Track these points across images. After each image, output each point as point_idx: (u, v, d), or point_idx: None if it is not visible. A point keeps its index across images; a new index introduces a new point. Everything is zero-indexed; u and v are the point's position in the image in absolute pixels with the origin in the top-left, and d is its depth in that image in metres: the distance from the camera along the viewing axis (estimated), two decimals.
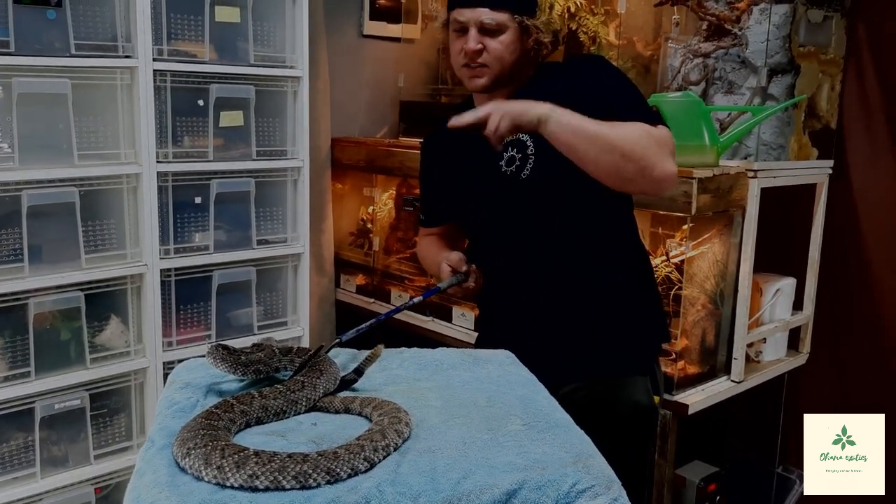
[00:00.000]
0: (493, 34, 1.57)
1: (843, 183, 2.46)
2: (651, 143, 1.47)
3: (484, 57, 1.58)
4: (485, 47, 1.58)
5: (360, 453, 0.99)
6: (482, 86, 1.62)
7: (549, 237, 1.61)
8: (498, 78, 1.61)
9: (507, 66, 1.60)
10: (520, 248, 1.65)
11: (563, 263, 1.61)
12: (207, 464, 0.96)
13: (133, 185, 2.18)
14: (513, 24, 1.58)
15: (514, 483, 0.97)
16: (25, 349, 2.04)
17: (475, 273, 1.66)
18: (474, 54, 1.58)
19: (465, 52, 1.60)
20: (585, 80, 1.58)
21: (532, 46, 1.62)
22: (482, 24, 1.57)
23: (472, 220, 1.74)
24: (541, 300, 1.64)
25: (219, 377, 1.30)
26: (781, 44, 2.20)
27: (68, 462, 2.15)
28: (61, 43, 2.02)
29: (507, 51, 1.58)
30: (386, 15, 3.22)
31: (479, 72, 1.60)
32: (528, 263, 1.64)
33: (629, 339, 1.64)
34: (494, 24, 1.56)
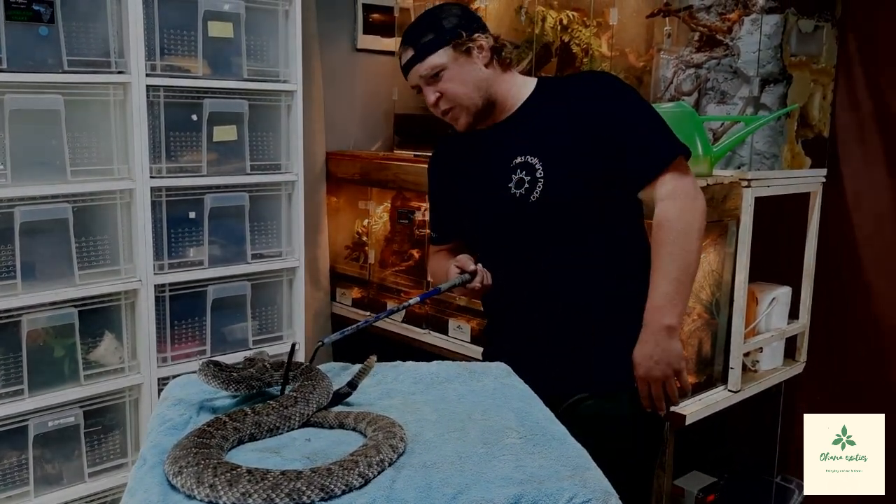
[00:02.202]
0: (438, 79, 1.59)
1: (837, 191, 2.47)
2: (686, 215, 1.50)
3: (445, 102, 1.60)
4: (441, 94, 1.59)
5: (354, 469, 0.98)
6: (466, 125, 1.64)
7: (559, 255, 1.60)
8: (475, 109, 1.61)
9: (471, 94, 1.59)
10: (529, 265, 1.64)
11: (572, 279, 1.60)
12: (199, 482, 0.95)
13: (126, 201, 2.18)
14: (447, 57, 1.57)
15: (511, 497, 0.96)
16: (19, 366, 2.03)
17: (482, 273, 1.63)
18: (436, 105, 1.61)
19: (430, 106, 1.63)
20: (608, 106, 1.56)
21: (487, 60, 1.60)
22: (424, 78, 1.60)
23: (482, 239, 1.73)
24: (549, 315, 1.63)
25: (211, 393, 1.29)
26: (773, 54, 2.21)
27: (62, 480, 2.14)
28: (54, 59, 2.02)
29: (460, 83, 1.58)
30: (379, 29, 3.24)
31: (453, 115, 1.62)
32: (538, 280, 1.63)
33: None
34: (432, 72, 1.58)
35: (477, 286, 1.62)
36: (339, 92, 3.14)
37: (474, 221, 1.71)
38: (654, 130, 1.54)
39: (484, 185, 1.65)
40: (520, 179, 1.58)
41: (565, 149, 1.55)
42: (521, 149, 1.59)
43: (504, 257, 1.67)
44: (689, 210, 1.50)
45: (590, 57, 2.59)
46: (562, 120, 1.56)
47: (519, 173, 1.58)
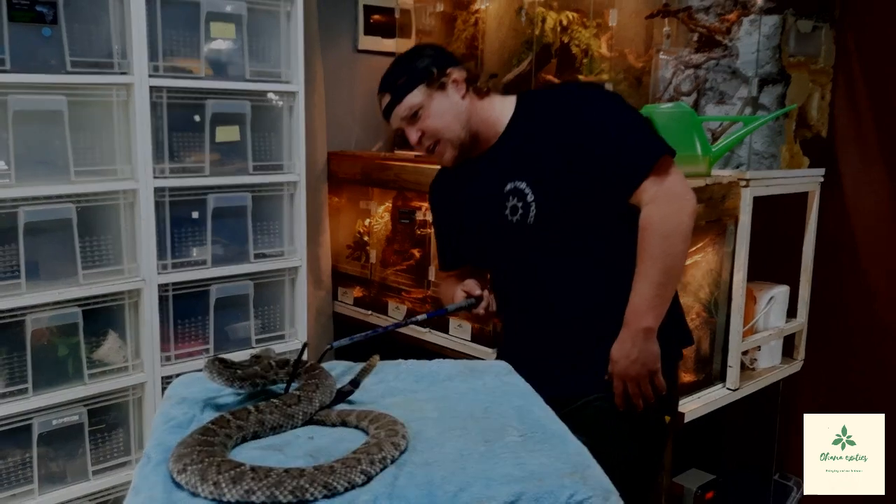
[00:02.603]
0: (417, 117, 1.61)
1: (835, 191, 2.48)
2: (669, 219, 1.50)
3: (428, 139, 1.63)
4: (422, 132, 1.62)
5: (356, 466, 0.99)
6: (452, 159, 1.66)
7: (561, 269, 1.62)
8: (456, 142, 1.63)
9: (452, 127, 1.62)
10: (534, 280, 1.67)
11: (576, 289, 1.62)
12: (204, 480, 0.96)
13: (130, 201, 2.19)
14: (423, 96, 1.61)
15: (512, 495, 0.97)
16: (23, 365, 2.04)
17: (488, 298, 1.68)
18: (420, 143, 1.64)
19: (415, 145, 1.66)
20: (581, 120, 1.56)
21: (463, 92, 1.63)
22: (404, 118, 1.62)
23: (487, 261, 1.76)
24: (556, 324, 1.65)
25: (215, 392, 1.31)
26: (771, 54, 2.22)
27: (66, 478, 2.15)
28: (57, 60, 2.03)
29: (438, 119, 1.61)
30: (380, 30, 3.24)
31: (438, 151, 1.65)
32: (543, 292, 1.66)
33: None
34: (410, 111, 1.61)
35: (481, 312, 1.68)
36: (340, 92, 3.15)
37: (478, 246, 1.75)
38: (631, 137, 1.54)
39: (482, 213, 1.69)
40: (514, 206, 1.62)
41: (551, 170, 1.58)
42: (510, 175, 1.63)
43: (510, 275, 1.71)
44: (672, 213, 1.50)
45: (589, 58, 2.60)
46: (543, 141, 1.58)
47: (512, 200, 1.62)
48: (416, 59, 1.64)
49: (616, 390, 1.57)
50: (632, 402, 1.57)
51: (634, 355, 1.54)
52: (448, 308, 1.69)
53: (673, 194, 1.51)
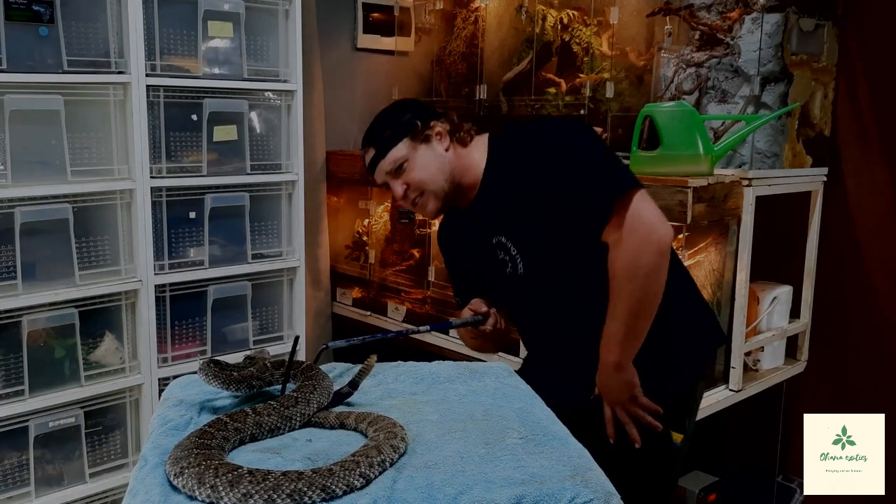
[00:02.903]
0: (402, 170, 1.62)
1: (838, 190, 2.47)
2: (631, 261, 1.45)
3: (412, 192, 1.63)
4: (407, 184, 1.62)
5: (355, 469, 0.98)
6: (435, 210, 1.66)
7: (561, 309, 1.63)
8: (440, 194, 1.63)
9: (435, 179, 1.62)
10: (541, 316, 1.69)
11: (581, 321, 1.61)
12: (201, 483, 0.95)
13: (127, 201, 2.18)
14: (407, 148, 1.61)
15: (512, 498, 0.96)
16: (19, 367, 2.03)
17: (495, 316, 1.69)
18: (405, 196, 1.64)
19: (399, 199, 1.65)
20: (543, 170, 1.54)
21: (446, 144, 1.63)
22: (389, 173, 1.62)
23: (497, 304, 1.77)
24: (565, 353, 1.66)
25: (212, 393, 1.29)
26: (774, 52, 2.21)
27: (63, 481, 2.14)
28: (54, 59, 2.01)
29: (423, 171, 1.61)
30: (379, 28, 3.23)
31: (421, 203, 1.64)
32: (551, 325, 1.68)
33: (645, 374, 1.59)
34: (396, 164, 1.61)
35: (488, 329, 1.69)
36: (339, 91, 3.14)
37: (485, 289, 1.77)
38: (589, 182, 1.50)
39: (481, 263, 1.71)
40: (503, 259, 1.64)
41: (526, 222, 1.58)
42: (493, 230, 1.64)
43: (517, 313, 1.75)
44: (635, 255, 1.45)
45: (590, 56, 2.58)
46: (513, 194, 1.58)
47: (500, 254, 1.64)
48: (399, 112, 1.66)
49: (606, 415, 1.58)
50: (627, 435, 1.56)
51: (609, 386, 1.56)
52: (453, 322, 1.72)
53: (635, 235, 1.45)
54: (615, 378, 1.54)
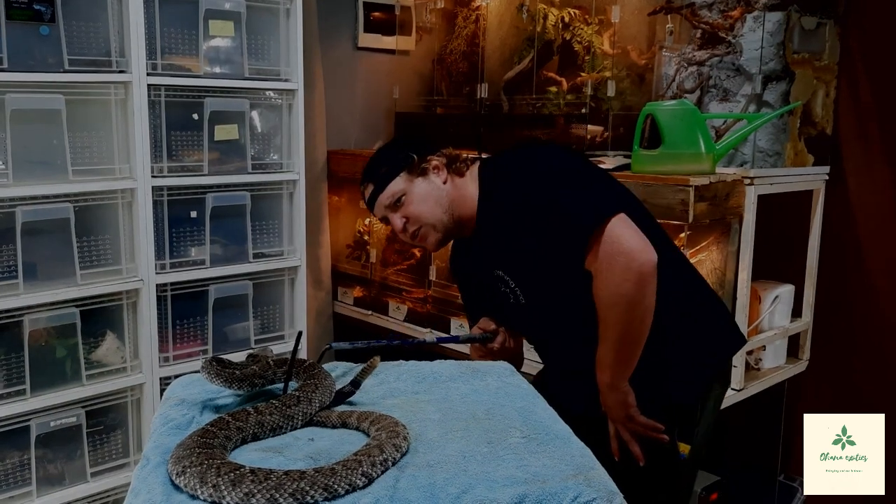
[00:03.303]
0: (400, 204, 1.63)
1: (840, 189, 2.46)
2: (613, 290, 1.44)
3: (412, 226, 1.64)
4: (407, 218, 1.63)
5: (357, 469, 0.98)
6: (435, 243, 1.67)
7: (566, 330, 1.63)
8: (440, 226, 1.64)
9: (434, 211, 1.63)
10: (547, 340, 1.72)
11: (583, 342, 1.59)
12: (203, 482, 0.95)
13: (128, 200, 2.18)
14: (406, 183, 1.62)
15: (515, 497, 0.96)
16: (20, 367, 2.03)
17: (504, 335, 1.71)
18: (404, 231, 1.65)
19: (399, 233, 1.66)
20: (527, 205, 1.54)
21: (444, 177, 1.64)
22: (388, 207, 1.64)
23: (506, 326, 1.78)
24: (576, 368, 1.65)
25: (214, 393, 1.29)
26: (775, 51, 2.20)
27: (65, 480, 2.14)
28: (55, 59, 2.01)
29: (422, 205, 1.62)
30: (380, 27, 3.23)
31: (422, 235, 1.65)
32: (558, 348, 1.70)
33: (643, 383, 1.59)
34: (393, 198, 1.62)
35: (496, 346, 1.71)
36: (340, 90, 3.14)
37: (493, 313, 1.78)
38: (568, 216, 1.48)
39: (488, 290, 1.71)
40: (504, 292, 1.65)
41: (519, 257, 1.59)
42: (492, 263, 1.66)
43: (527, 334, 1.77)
44: (614, 285, 1.44)
45: (591, 55, 2.58)
46: (503, 228, 1.59)
47: (502, 287, 1.66)
48: (396, 148, 1.68)
49: (610, 432, 1.59)
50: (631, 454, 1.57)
51: (608, 404, 1.56)
52: (460, 337, 1.74)
53: (615, 265, 1.43)
54: (610, 398, 1.55)
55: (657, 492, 1.63)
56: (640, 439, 1.56)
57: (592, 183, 1.57)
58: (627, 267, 1.42)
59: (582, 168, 1.62)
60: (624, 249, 1.42)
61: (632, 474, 1.50)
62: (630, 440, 1.56)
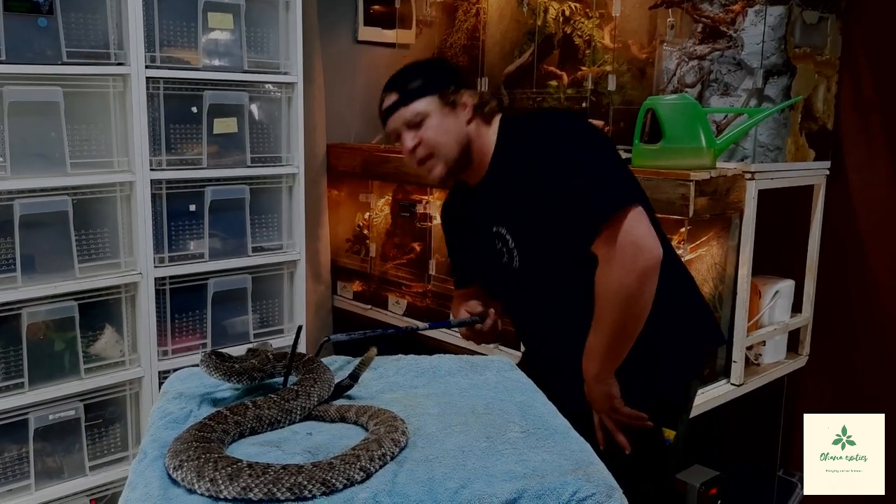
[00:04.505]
0: (421, 124, 1.58)
1: (841, 184, 2.45)
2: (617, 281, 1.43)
3: (423, 150, 1.59)
4: (420, 140, 1.59)
5: (355, 463, 0.97)
6: (439, 175, 1.62)
7: (554, 306, 1.62)
8: (451, 160, 1.59)
9: (450, 146, 1.58)
10: (532, 315, 1.68)
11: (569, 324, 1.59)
12: (200, 476, 0.94)
13: (126, 194, 2.17)
14: (433, 106, 1.57)
15: (514, 492, 0.96)
16: (19, 360, 2.02)
17: (493, 317, 1.70)
18: (413, 152, 1.60)
19: (407, 153, 1.62)
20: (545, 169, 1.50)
21: (470, 114, 1.60)
22: (405, 122, 1.58)
23: (492, 293, 1.77)
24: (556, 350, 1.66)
25: (212, 387, 1.29)
26: (777, 45, 2.19)
27: (63, 473, 2.13)
28: (53, 51, 2.00)
29: (442, 135, 1.57)
30: (380, 21, 3.22)
31: (429, 164, 1.61)
32: (541, 323, 1.67)
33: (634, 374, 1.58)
34: (415, 116, 1.57)
35: (485, 328, 1.70)
36: (339, 84, 3.13)
37: (481, 274, 1.76)
38: (587, 195, 1.46)
39: (481, 249, 1.69)
40: (500, 250, 1.62)
41: (525, 218, 1.56)
42: (494, 219, 1.63)
43: (511, 306, 1.74)
44: (621, 275, 1.43)
45: (592, 49, 2.57)
46: (515, 187, 1.55)
47: (498, 244, 1.63)
48: (435, 68, 1.63)
49: (595, 422, 1.58)
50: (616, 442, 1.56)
51: (593, 395, 1.55)
52: (451, 322, 1.71)
53: (623, 255, 1.42)
54: (595, 389, 1.54)
55: (645, 478, 1.62)
56: (625, 428, 1.56)
57: (617, 167, 1.54)
58: (635, 259, 1.42)
59: (609, 149, 1.58)
60: (637, 242, 1.42)
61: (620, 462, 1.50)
62: (614, 430, 1.56)
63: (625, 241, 1.42)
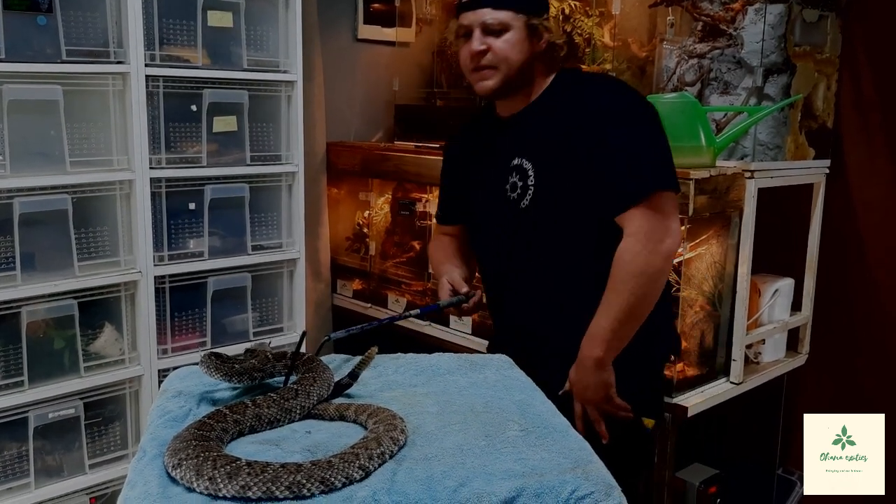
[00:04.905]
0: (498, 34, 1.54)
1: (841, 182, 2.45)
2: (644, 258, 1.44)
3: (489, 58, 1.55)
4: (489, 48, 1.54)
5: (354, 462, 0.97)
6: (490, 88, 1.58)
7: (549, 260, 1.59)
8: (507, 80, 1.56)
9: (514, 66, 1.55)
10: (521, 266, 1.64)
11: (559, 286, 1.58)
12: (199, 475, 0.94)
13: (126, 192, 2.17)
14: (518, 24, 1.54)
15: (512, 490, 0.96)
16: (18, 358, 2.02)
17: (478, 295, 1.69)
18: (478, 55, 1.55)
19: (471, 55, 1.56)
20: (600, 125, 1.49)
21: (543, 48, 1.58)
22: (485, 24, 1.54)
23: (478, 234, 1.74)
24: (539, 315, 1.63)
25: (212, 385, 1.29)
26: (777, 44, 2.19)
27: (63, 472, 2.13)
28: (52, 49, 2.00)
29: (514, 50, 1.54)
30: (380, 19, 3.21)
31: (486, 73, 1.57)
32: (529, 281, 1.63)
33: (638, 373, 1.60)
34: (497, 24, 1.53)
35: (469, 306, 1.69)
36: (339, 82, 3.12)
37: (473, 215, 1.73)
38: (638, 161, 1.48)
39: (487, 182, 1.65)
40: (514, 183, 1.59)
41: (557, 161, 1.53)
42: (519, 151, 1.59)
43: (500, 253, 1.68)
44: (649, 252, 1.44)
45: (592, 47, 2.57)
46: (560, 130, 1.53)
47: (514, 177, 1.59)
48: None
49: (575, 412, 1.55)
50: (595, 431, 1.54)
51: (587, 381, 1.53)
52: (440, 304, 1.70)
53: (655, 234, 1.44)
54: (594, 375, 1.51)
55: (630, 469, 1.63)
56: (608, 419, 1.55)
57: (668, 149, 1.54)
58: (663, 240, 1.44)
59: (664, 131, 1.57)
60: (670, 226, 1.45)
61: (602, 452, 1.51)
62: (598, 420, 1.54)
63: (659, 221, 1.44)
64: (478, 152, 1.70)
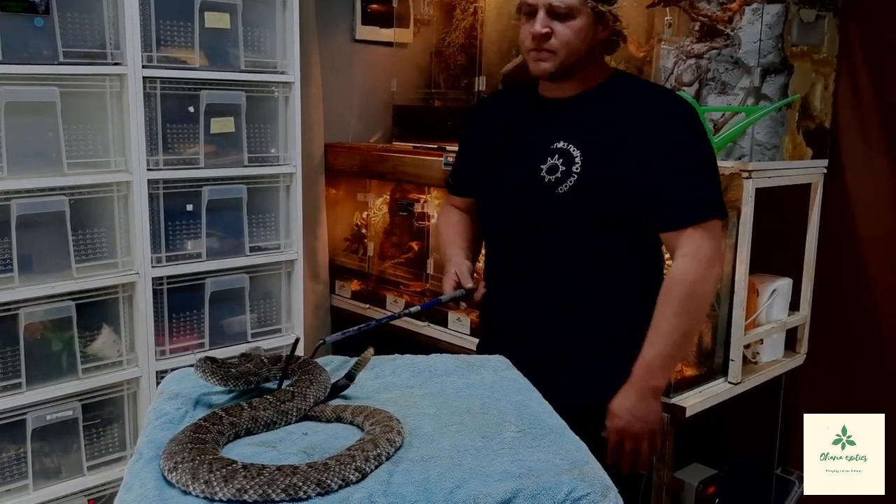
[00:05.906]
0: (563, 18, 1.50)
1: (838, 182, 2.45)
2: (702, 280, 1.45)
3: (551, 42, 1.51)
4: (553, 32, 1.51)
5: (351, 464, 0.97)
6: (546, 70, 1.54)
7: (573, 253, 1.54)
8: (564, 65, 1.53)
9: (575, 53, 1.51)
10: (537, 256, 1.58)
11: (579, 281, 1.54)
12: (195, 478, 0.94)
13: (124, 193, 2.17)
14: (585, 10, 1.50)
15: (509, 492, 0.96)
16: (16, 360, 2.02)
17: (480, 290, 1.65)
18: (541, 38, 1.51)
19: (531, 35, 1.52)
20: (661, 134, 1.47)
21: (606, 37, 1.56)
22: (551, 6, 1.49)
23: (493, 213, 1.67)
24: (546, 313, 1.58)
25: (208, 387, 1.28)
26: (774, 44, 2.19)
27: (61, 473, 2.13)
28: (49, 51, 2.00)
29: (577, 37, 1.50)
30: (378, 19, 3.21)
31: (545, 56, 1.53)
32: (542, 275, 1.58)
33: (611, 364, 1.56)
34: (565, 7, 1.49)
35: (476, 300, 1.66)
36: (337, 83, 3.12)
37: (493, 191, 1.65)
38: (704, 183, 1.48)
39: (515, 158, 1.59)
40: (553, 165, 1.52)
41: (609, 154, 1.50)
42: (567, 135, 1.54)
43: (515, 238, 1.62)
44: (705, 275, 1.44)
45: None
46: (620, 126, 1.50)
47: (555, 159, 1.53)
48: None
49: (610, 444, 1.51)
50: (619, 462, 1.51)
51: (639, 412, 1.47)
52: (441, 299, 1.66)
53: (711, 256, 1.46)
54: (651, 406, 1.47)
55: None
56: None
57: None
58: (714, 264, 1.47)
59: None
60: (719, 252, 1.49)
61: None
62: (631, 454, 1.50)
63: (713, 248, 1.46)
64: (509, 126, 1.63)
